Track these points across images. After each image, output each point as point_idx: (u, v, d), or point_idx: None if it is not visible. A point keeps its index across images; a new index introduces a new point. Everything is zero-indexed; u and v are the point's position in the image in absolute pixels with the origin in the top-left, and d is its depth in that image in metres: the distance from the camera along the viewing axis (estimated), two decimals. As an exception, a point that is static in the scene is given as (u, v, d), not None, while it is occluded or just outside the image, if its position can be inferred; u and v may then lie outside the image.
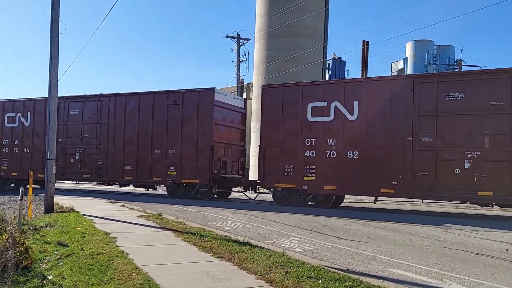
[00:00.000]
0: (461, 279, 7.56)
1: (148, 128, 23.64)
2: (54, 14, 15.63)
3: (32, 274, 7.45)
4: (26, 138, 26.72)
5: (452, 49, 61.70)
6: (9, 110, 27.53)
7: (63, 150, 25.39)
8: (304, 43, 44.07)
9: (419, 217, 16.66)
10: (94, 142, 25.07)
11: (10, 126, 27.40)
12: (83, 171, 25.38)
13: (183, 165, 22.46)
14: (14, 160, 27.01)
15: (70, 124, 25.94)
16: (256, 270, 7.45)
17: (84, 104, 25.63)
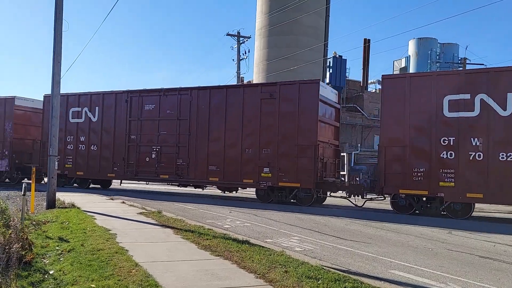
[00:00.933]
0: (466, 282, 7.48)
1: (237, 125, 21.22)
2: (57, 11, 15.69)
3: (34, 269, 7.47)
4: (94, 134, 25.07)
5: (456, 47, 61.38)
6: (74, 104, 25.81)
7: (136, 148, 23.71)
8: (305, 41, 44.06)
9: (423, 218, 16.54)
10: (173, 140, 22.81)
11: (75, 121, 25.71)
12: (160, 171, 23.16)
13: (280, 166, 19.93)
14: (80, 158, 25.35)
15: (144, 120, 23.74)
16: (255, 269, 7.45)
17: (161, 99, 23.39)
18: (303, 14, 42.82)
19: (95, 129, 25.14)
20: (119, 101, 24.52)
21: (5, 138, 27.64)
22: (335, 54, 48.30)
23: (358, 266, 8.37)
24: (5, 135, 27.66)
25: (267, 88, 21.32)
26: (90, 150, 25.12)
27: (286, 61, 42.34)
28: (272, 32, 45.22)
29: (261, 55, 46.74)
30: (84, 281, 6.71)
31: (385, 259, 9.08)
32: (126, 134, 24.05)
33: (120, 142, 24.24)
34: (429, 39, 61.02)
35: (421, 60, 59.77)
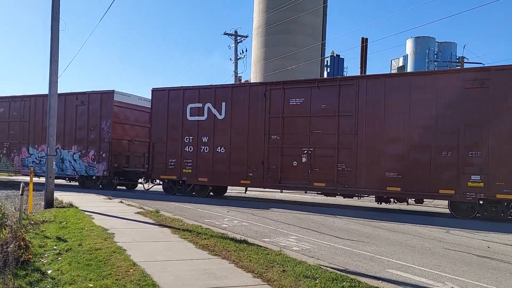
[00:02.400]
0: (463, 282, 7.49)
1: (429, 121, 17.20)
2: (54, 11, 15.68)
3: (32, 268, 7.47)
4: (221, 134, 21.60)
5: (454, 46, 61.41)
6: (192, 99, 22.39)
7: (279, 150, 20.10)
8: (302, 40, 44.09)
9: (420, 217, 16.58)
10: (331, 140, 18.99)
11: (194, 119, 22.27)
12: (313, 178, 19.23)
13: (495, 173, 15.94)
14: (202, 162, 21.88)
15: (289, 116, 20.08)
16: (253, 268, 7.47)
17: (312, 91, 19.65)
18: (301, 13, 42.85)
19: (222, 128, 21.66)
20: (254, 95, 21.05)
21: (102, 138, 24.86)
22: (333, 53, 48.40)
23: (356, 265, 8.38)
24: (101, 135, 24.84)
25: (474, 73, 17.08)
26: (216, 152, 21.63)
27: (284, 60, 42.38)
28: (269, 31, 45.24)
29: (258, 54, 46.76)
30: (82, 280, 6.72)
31: (382, 258, 9.09)
32: (265, 134, 20.46)
33: (256, 144, 20.71)
34: (427, 38, 61.07)
35: (419, 59, 59.82)
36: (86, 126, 25.32)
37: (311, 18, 44.75)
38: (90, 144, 25.17)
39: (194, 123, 22.25)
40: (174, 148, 22.65)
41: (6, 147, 28.03)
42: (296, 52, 42.48)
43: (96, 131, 25.01)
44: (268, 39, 45.88)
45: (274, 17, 43.92)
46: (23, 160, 27.38)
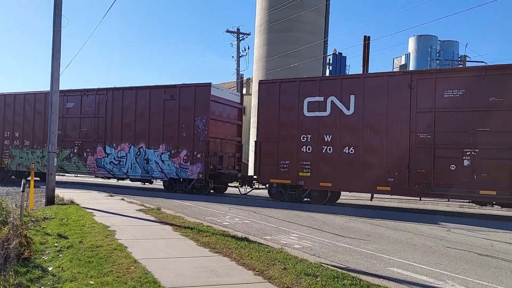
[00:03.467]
0: (464, 280, 7.47)
1: None
2: (56, 8, 15.69)
3: (33, 265, 7.48)
4: (348, 132, 18.66)
5: (456, 45, 61.26)
6: (311, 92, 19.51)
7: (430, 151, 17.07)
8: (305, 38, 43.99)
9: (421, 215, 16.55)
10: (506, 139, 15.87)
11: (314, 115, 19.37)
12: (479, 185, 16.12)
13: None
14: (325, 165, 18.95)
15: (443, 111, 17.00)
16: (254, 266, 7.46)
17: (472, 81, 16.62)
18: (303, 11, 42.75)
19: (349, 125, 18.71)
20: (394, 86, 18.07)
21: (196, 136, 22.23)
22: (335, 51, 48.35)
23: (357, 263, 8.37)
24: (196, 133, 22.25)
25: None
26: (343, 153, 18.68)
27: (286, 58, 42.29)
28: (271, 29, 45.12)
29: (260, 52, 46.67)
30: (83, 277, 6.72)
31: (383, 256, 9.08)
32: (410, 132, 17.53)
33: (398, 143, 17.80)
34: (429, 36, 60.93)
35: (421, 57, 59.69)
36: (176, 123, 22.65)
37: (314, 16, 44.65)
38: (181, 143, 22.49)
39: (313, 120, 19.36)
40: (287, 148, 19.80)
41: (77, 146, 25.49)
42: (298, 50, 42.43)
43: (189, 129, 22.34)
44: (271, 37, 45.78)
45: (277, 15, 43.82)
46: (98, 160, 24.78)
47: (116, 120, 24.38)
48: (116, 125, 24.36)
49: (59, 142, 23.19)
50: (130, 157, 23.67)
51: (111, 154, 24.37)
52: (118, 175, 24.18)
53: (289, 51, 42.88)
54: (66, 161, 25.58)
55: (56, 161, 22.20)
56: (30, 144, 26.66)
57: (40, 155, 26.20)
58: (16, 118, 27.26)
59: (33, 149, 26.54)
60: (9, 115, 27.54)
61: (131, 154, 23.66)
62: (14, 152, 27.26)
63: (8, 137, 27.54)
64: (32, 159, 26.27)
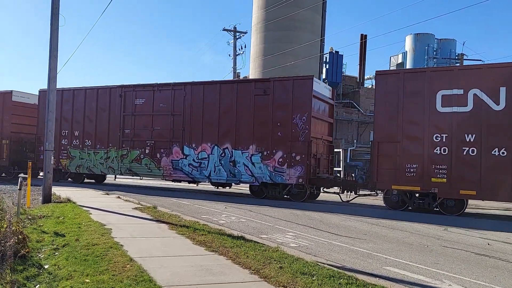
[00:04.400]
0: (461, 279, 7.48)
1: None
2: (54, 7, 15.67)
3: (29, 263, 7.47)
4: (496, 131, 16.10)
5: (453, 43, 61.23)
6: (447, 84, 17.01)
7: None
8: (301, 36, 44.06)
9: (417, 214, 16.54)
10: None
11: (450, 111, 16.86)
12: None
13: None
14: (465, 169, 16.33)
15: None
16: (250, 264, 7.47)
17: None
18: (300, 9, 42.81)
19: (499, 122, 16.18)
20: None
21: (295, 136, 19.60)
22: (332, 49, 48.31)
23: (353, 262, 8.38)
24: (294, 132, 19.61)
25: None
26: (491, 156, 16.07)
27: (283, 57, 42.35)
28: (268, 28, 45.18)
29: (257, 51, 46.72)
30: (79, 275, 6.71)
31: (380, 255, 9.09)
32: None
33: None
34: (426, 34, 60.93)
35: (418, 55, 59.66)
36: (269, 121, 20.15)
37: (311, 15, 44.72)
38: (276, 144, 19.91)
39: (449, 116, 16.86)
40: (414, 150, 17.27)
41: (149, 146, 23.05)
42: (295, 49, 42.47)
43: (286, 128, 19.79)
44: (267, 35, 45.82)
45: (273, 13, 43.87)
46: (174, 162, 22.38)
47: (195, 117, 22.00)
48: (196, 123, 21.98)
49: (127, 142, 23.59)
50: (213, 159, 21.25)
51: (190, 155, 21.93)
52: (198, 178, 21.80)
53: (286, 50, 42.91)
54: (136, 163, 23.29)
55: (122, 163, 23.31)
56: (92, 144, 24.69)
57: (104, 155, 24.21)
58: (76, 116, 25.30)
59: (96, 149, 24.54)
60: (67, 112, 25.54)
61: (214, 155, 21.22)
62: (74, 152, 25.21)
63: (66, 136, 25.50)
64: (94, 160, 24.45)
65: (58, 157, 25.00)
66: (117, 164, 23.84)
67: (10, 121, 27.47)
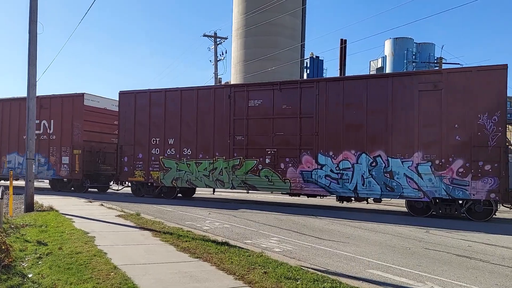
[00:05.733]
0: (443, 281, 7.57)
1: None
2: (32, 14, 15.60)
3: (13, 272, 7.40)
4: None
5: (432, 47, 62.09)
6: None
7: None
8: (282, 41, 44.29)
9: (399, 217, 16.71)
10: None
11: None
12: None
13: None
14: None
15: None
16: (235, 270, 7.50)
17: None
18: (280, 14, 43.07)
19: None
20: None
21: (482, 141, 16.11)
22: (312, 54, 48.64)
23: (337, 266, 8.45)
24: (480, 135, 16.11)
25: None
26: None
27: (264, 62, 42.52)
28: (249, 33, 45.34)
29: (238, 56, 46.84)
30: (62, 284, 6.68)
31: (363, 258, 9.18)
32: None
33: None
34: (405, 38, 61.66)
35: (397, 59, 60.34)
36: (440, 121, 16.68)
37: (291, 20, 45.01)
38: (453, 151, 16.40)
39: None
40: None
41: (270, 155, 19.61)
42: (276, 54, 42.67)
43: (467, 130, 16.30)
44: (248, 41, 45.97)
45: (254, 18, 44.07)
46: (305, 173, 18.87)
47: (332, 120, 18.50)
48: (333, 126, 18.44)
49: (240, 150, 20.15)
50: (360, 169, 17.83)
51: (326, 165, 18.47)
52: (340, 192, 18.28)
53: (267, 55, 43.09)
54: (252, 174, 19.89)
55: (235, 174, 20.03)
56: (193, 153, 21.27)
57: (209, 167, 20.87)
58: (170, 121, 21.93)
59: (198, 160, 21.17)
60: (157, 116, 22.25)
61: (362, 165, 17.80)
62: (168, 163, 21.77)
63: (158, 145, 22.06)
64: (196, 172, 21.09)
65: (147, 169, 22.16)
66: (227, 176, 20.41)
67: (82, 128, 24.39)
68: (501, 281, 7.79)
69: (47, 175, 25.53)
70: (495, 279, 7.86)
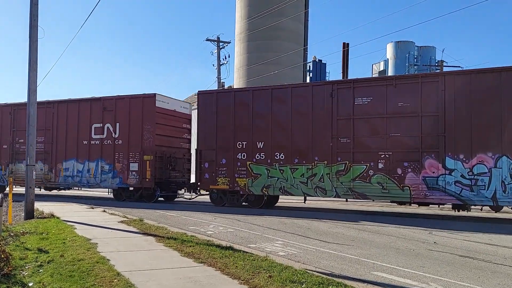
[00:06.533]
0: (447, 282, 7.51)
1: None
2: (32, 19, 15.56)
3: (13, 281, 7.30)
4: None
5: (433, 50, 62.37)
6: None
7: None
8: (285, 45, 44.36)
9: (402, 219, 16.64)
10: None
11: None
12: None
13: None
14: None
15: None
16: (239, 275, 7.40)
17: None
18: (282, 19, 43.11)
19: None
20: None
21: None
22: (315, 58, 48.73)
23: (341, 268, 8.36)
24: None
25: None
26: None
27: (267, 66, 42.57)
28: (251, 37, 45.38)
29: (241, 60, 46.88)
30: (64, 292, 6.59)
31: (367, 261, 9.09)
32: None
33: None
34: (407, 42, 61.85)
35: (399, 63, 60.53)
36: None
37: (293, 24, 45.05)
38: None
39: None
40: None
41: (383, 159, 17.45)
42: (278, 58, 42.71)
43: None
44: (251, 45, 46.02)
45: (256, 23, 44.12)
46: (429, 180, 16.79)
47: (463, 118, 16.38)
48: (464, 126, 16.37)
49: (344, 154, 18.09)
50: (501, 174, 15.77)
51: (456, 169, 16.41)
52: (474, 201, 16.33)
53: (269, 59, 43.15)
54: (361, 181, 17.80)
55: (339, 181, 17.76)
56: (287, 158, 19.20)
57: (307, 173, 18.76)
58: (257, 122, 19.98)
59: (293, 165, 19.09)
60: (243, 118, 20.26)
61: (503, 169, 15.73)
62: (258, 169, 19.80)
63: (244, 149, 20.11)
64: (291, 179, 19.01)
65: (233, 175, 20.17)
66: (329, 183, 18.31)
67: (153, 132, 22.48)
68: (503, 280, 7.75)
69: (112, 184, 23.41)
70: (497, 279, 7.83)
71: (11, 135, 26.18)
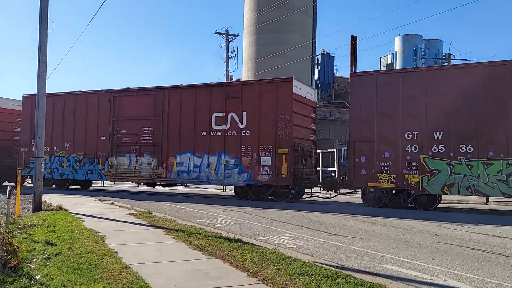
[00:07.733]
0: (457, 274, 7.46)
1: None
2: (42, 12, 15.54)
3: (20, 274, 7.28)
4: None
5: (440, 43, 62.25)
6: None
7: None
8: (293, 39, 44.22)
9: (411, 211, 16.57)
10: None
11: None
12: None
13: None
14: None
15: None
16: (248, 267, 7.35)
17: None
18: (291, 12, 42.93)
19: None
20: None
21: None
22: (323, 51, 48.50)
23: (350, 261, 8.30)
24: None
25: None
26: None
27: (275, 59, 42.46)
28: (260, 30, 45.25)
29: (249, 53, 46.77)
30: (72, 285, 6.55)
31: (376, 253, 9.03)
32: None
33: None
34: (414, 35, 61.67)
35: (407, 56, 60.36)
36: None
37: (301, 17, 44.88)
38: None
39: None
40: None
41: None
42: (287, 51, 42.58)
43: None
44: (259, 38, 45.90)
45: (265, 16, 44.01)
46: None
47: None
48: None
49: None
50: None
51: None
52: None
53: (277, 52, 43.05)
54: None
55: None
56: (476, 151, 16.26)
57: (506, 169, 15.74)
58: (430, 108, 17.25)
59: (485, 159, 16.04)
60: (413, 101, 17.43)
61: None
62: (435, 164, 16.84)
63: (416, 140, 17.24)
64: (485, 176, 16.01)
65: (400, 172, 17.33)
66: None
67: (290, 122, 19.78)
68: (512, 272, 7.73)
69: (238, 180, 20.67)
70: (507, 271, 7.78)
71: (110, 125, 23.78)
